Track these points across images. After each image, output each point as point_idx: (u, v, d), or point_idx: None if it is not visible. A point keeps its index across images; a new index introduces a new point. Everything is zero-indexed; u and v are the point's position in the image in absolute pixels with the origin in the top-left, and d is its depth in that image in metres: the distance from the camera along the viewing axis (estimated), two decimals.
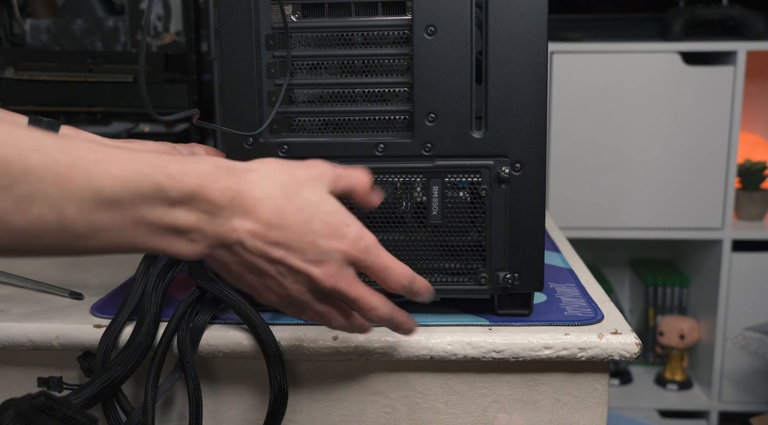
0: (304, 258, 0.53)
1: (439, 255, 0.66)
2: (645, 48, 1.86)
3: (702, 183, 1.91)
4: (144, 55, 0.51)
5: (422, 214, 0.66)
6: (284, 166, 0.54)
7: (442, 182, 0.65)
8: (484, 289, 0.66)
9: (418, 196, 0.65)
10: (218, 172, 0.49)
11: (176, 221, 0.47)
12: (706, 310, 2.03)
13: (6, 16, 1.40)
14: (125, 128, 1.35)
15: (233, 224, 0.50)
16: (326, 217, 0.54)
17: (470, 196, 0.65)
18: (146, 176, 0.45)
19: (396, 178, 0.65)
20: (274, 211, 0.51)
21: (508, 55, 0.64)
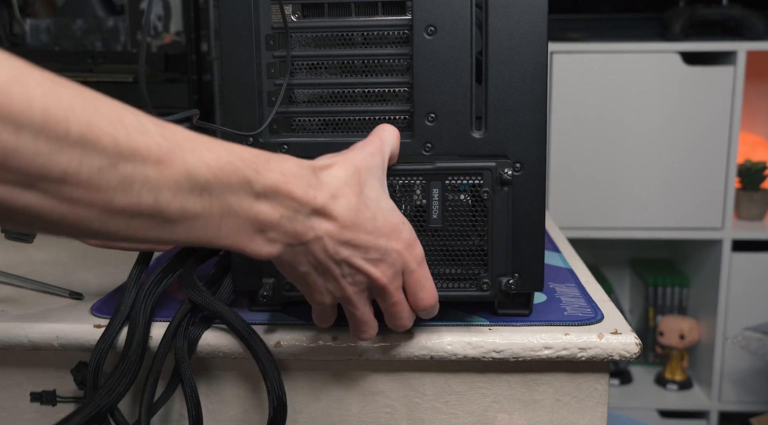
0: (366, 257, 0.54)
1: (440, 260, 0.64)
2: (645, 48, 1.86)
3: (702, 183, 1.91)
4: (144, 55, 0.51)
5: (422, 218, 0.64)
6: (349, 159, 0.55)
7: (443, 184, 0.63)
8: (487, 295, 0.65)
9: (418, 199, 0.64)
10: (300, 171, 0.51)
11: (260, 214, 0.48)
12: (706, 310, 2.03)
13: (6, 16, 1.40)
14: None
15: (312, 223, 0.51)
16: (387, 215, 0.55)
17: (471, 199, 0.63)
18: (237, 169, 0.46)
19: (395, 180, 0.63)
20: (348, 209, 0.52)
21: (508, 55, 0.64)
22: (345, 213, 0.52)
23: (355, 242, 0.53)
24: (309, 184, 0.50)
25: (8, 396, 0.71)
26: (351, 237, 0.53)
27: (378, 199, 0.56)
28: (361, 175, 0.55)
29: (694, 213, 1.92)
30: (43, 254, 0.92)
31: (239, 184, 0.47)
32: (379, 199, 0.56)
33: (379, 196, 0.56)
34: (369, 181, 0.56)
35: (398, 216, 0.56)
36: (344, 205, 0.52)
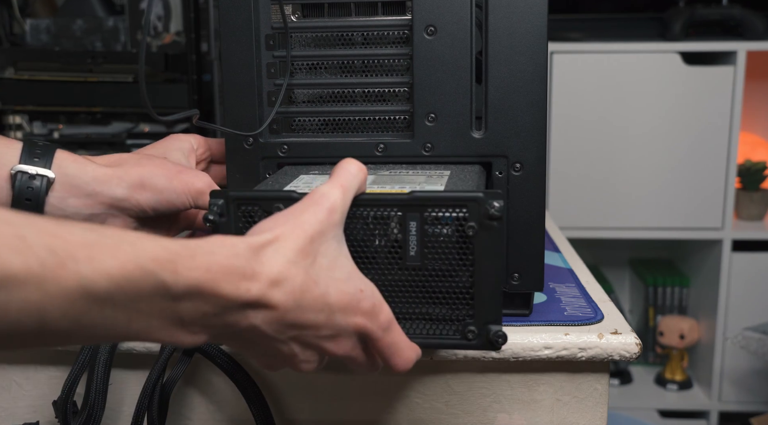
0: (318, 335, 0.49)
1: (420, 300, 0.56)
2: (645, 48, 1.86)
3: (702, 183, 1.91)
4: (144, 55, 0.51)
5: (398, 254, 0.55)
6: (299, 228, 0.48)
7: (421, 217, 0.54)
8: (472, 344, 0.56)
9: (392, 233, 0.55)
10: (232, 262, 0.44)
11: (179, 313, 0.43)
12: (706, 310, 2.03)
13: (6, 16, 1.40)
14: (125, 128, 1.35)
15: (245, 315, 0.45)
16: (341, 287, 0.49)
17: (456, 234, 0.54)
18: (148, 274, 0.40)
19: (367, 211, 0.54)
20: (291, 294, 0.46)
21: (508, 55, 0.64)
22: (286, 299, 0.46)
23: (301, 323, 0.47)
24: (242, 276, 0.44)
25: (8, 397, 0.71)
26: (296, 319, 0.47)
27: (332, 268, 0.49)
28: (314, 243, 0.48)
29: (694, 214, 1.92)
30: None
31: (152, 290, 0.41)
32: (333, 268, 0.49)
33: (333, 263, 0.50)
34: (323, 247, 0.49)
35: (354, 285, 0.50)
36: (287, 290, 0.46)
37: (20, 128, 1.36)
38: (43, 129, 1.37)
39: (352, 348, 0.51)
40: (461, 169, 0.64)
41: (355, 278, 0.51)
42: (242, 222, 0.55)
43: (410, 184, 0.58)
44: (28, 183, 0.64)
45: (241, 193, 0.55)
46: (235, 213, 0.55)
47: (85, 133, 1.34)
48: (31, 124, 1.35)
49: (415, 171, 0.63)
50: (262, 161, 0.67)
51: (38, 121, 1.36)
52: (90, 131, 1.34)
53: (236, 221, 0.55)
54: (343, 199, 0.51)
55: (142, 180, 0.67)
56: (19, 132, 1.35)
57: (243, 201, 0.55)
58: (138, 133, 1.34)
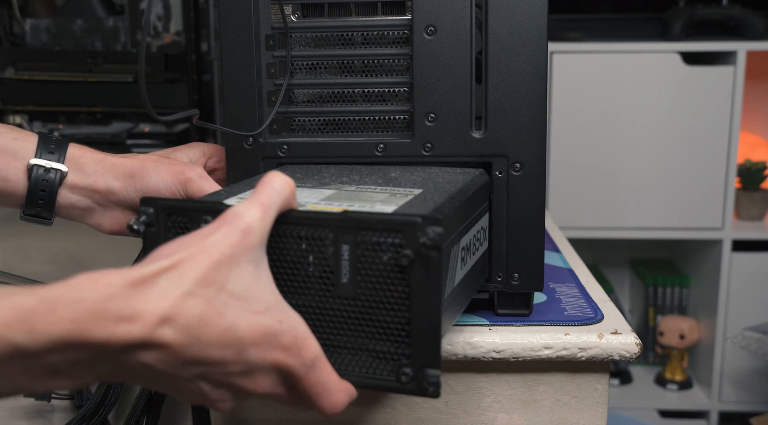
0: (227, 372, 0.44)
1: (353, 332, 0.50)
2: (645, 48, 1.86)
3: (702, 183, 1.91)
4: (144, 55, 0.51)
5: (329, 280, 0.49)
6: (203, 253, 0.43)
7: (354, 241, 0.48)
8: (405, 388, 0.49)
9: (325, 257, 0.49)
10: (105, 306, 0.39)
11: (48, 367, 0.39)
12: (706, 310, 2.03)
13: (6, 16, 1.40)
14: (125, 128, 1.35)
15: (134, 355, 0.41)
16: (255, 318, 0.44)
17: (391, 263, 0.48)
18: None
19: (299, 230, 0.49)
20: (187, 327, 0.41)
21: (508, 55, 0.64)
22: (180, 336, 0.41)
23: (203, 360, 0.43)
24: (119, 318, 0.39)
25: None
26: (196, 356, 0.42)
27: (244, 297, 0.44)
28: (221, 269, 0.43)
29: (694, 213, 1.92)
30: (43, 254, 0.92)
31: (5, 356, 0.38)
32: (246, 297, 0.44)
33: (246, 292, 0.44)
34: (233, 273, 0.44)
35: (273, 316, 0.45)
36: (180, 326, 0.41)
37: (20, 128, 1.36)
38: (43, 129, 1.37)
39: (272, 386, 0.46)
40: (442, 185, 0.60)
41: (274, 308, 0.45)
42: (172, 233, 0.50)
43: (363, 203, 0.53)
44: (44, 176, 0.66)
45: (172, 201, 0.51)
46: (165, 223, 0.51)
47: (85, 133, 1.34)
48: (31, 124, 1.35)
49: (384, 188, 0.58)
50: (262, 161, 0.67)
51: (38, 121, 1.36)
52: (90, 131, 1.34)
53: (166, 232, 0.51)
54: (262, 218, 0.46)
55: (132, 171, 0.68)
56: None
57: (173, 210, 0.51)
58: (138, 133, 1.34)
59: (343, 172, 0.65)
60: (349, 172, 0.65)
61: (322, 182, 0.60)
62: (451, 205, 0.55)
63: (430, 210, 0.52)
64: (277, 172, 0.48)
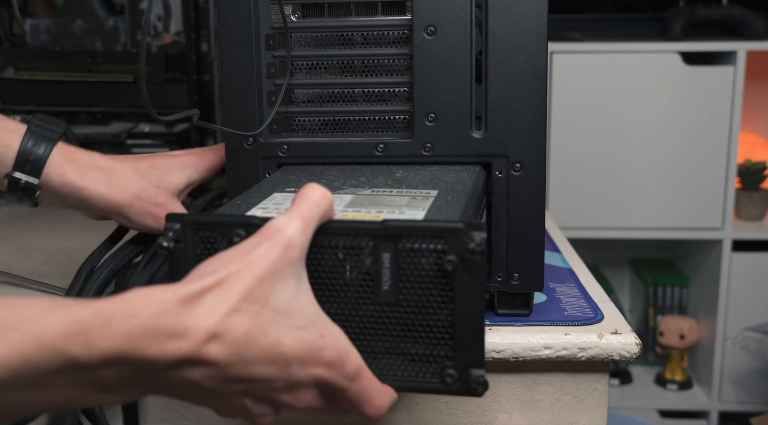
0: (271, 388, 0.45)
1: (395, 337, 0.50)
2: (645, 48, 1.86)
3: (702, 183, 1.91)
4: (144, 55, 0.51)
5: (370, 288, 0.49)
6: (246, 269, 0.44)
7: (395, 248, 0.48)
8: (450, 389, 0.50)
9: (364, 265, 0.49)
10: (158, 322, 0.40)
11: (99, 382, 0.40)
12: (706, 310, 2.03)
13: (6, 16, 1.40)
14: (125, 128, 1.35)
15: (181, 372, 0.41)
16: (298, 333, 0.44)
17: (434, 269, 0.48)
18: (53, 352, 0.37)
19: (335, 240, 0.49)
20: (234, 345, 0.42)
21: (508, 55, 0.64)
22: (227, 353, 0.42)
23: (248, 377, 0.43)
24: (170, 335, 0.40)
25: None
26: (241, 373, 0.43)
27: (287, 313, 0.44)
28: (264, 285, 0.44)
29: (694, 214, 1.92)
30: (43, 254, 0.92)
31: (60, 367, 0.38)
32: (289, 312, 0.45)
33: (289, 307, 0.45)
34: (276, 289, 0.44)
35: (315, 331, 0.45)
36: (227, 343, 0.42)
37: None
38: None
39: (313, 400, 0.47)
40: (453, 184, 0.60)
41: (316, 322, 0.46)
42: (201, 248, 0.50)
43: (389, 208, 0.54)
44: (16, 188, 0.65)
45: (199, 217, 0.50)
46: (193, 240, 0.50)
47: (85, 133, 1.34)
48: None
49: (400, 191, 0.59)
50: (262, 161, 0.67)
51: None
52: (90, 131, 1.34)
53: (194, 247, 0.50)
54: (302, 232, 0.46)
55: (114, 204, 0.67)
56: None
57: (201, 226, 0.50)
58: (138, 133, 1.34)
59: (347, 174, 0.64)
60: (353, 173, 0.64)
61: (334, 186, 0.60)
62: (472, 205, 0.56)
63: (459, 213, 0.53)
64: (316, 185, 0.49)
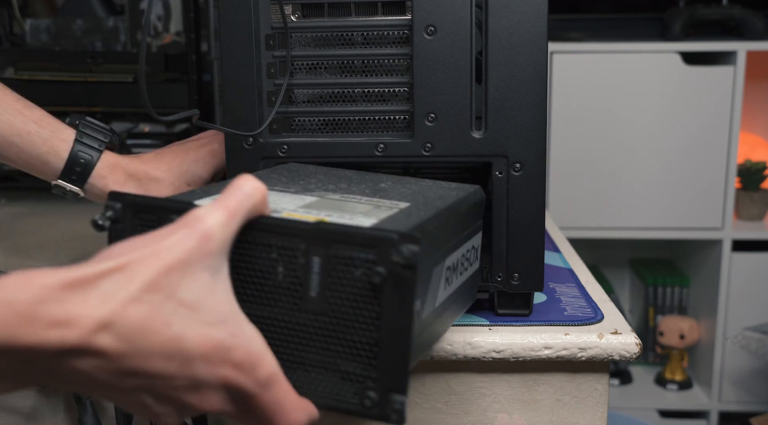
0: (171, 386, 0.41)
1: (319, 348, 0.47)
2: (645, 48, 1.86)
3: (702, 183, 1.91)
4: (144, 55, 0.51)
5: (297, 293, 0.47)
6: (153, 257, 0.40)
7: (326, 254, 0.45)
8: (369, 413, 0.46)
9: (293, 268, 0.46)
10: (37, 310, 0.37)
11: None
12: (706, 310, 2.03)
13: (6, 16, 1.40)
14: (125, 128, 1.35)
15: (69, 362, 0.38)
16: (205, 330, 0.41)
17: (363, 280, 0.45)
18: None
19: (270, 238, 0.46)
20: (127, 336, 0.39)
21: (508, 55, 0.64)
22: (119, 344, 0.38)
23: (144, 371, 0.40)
24: (52, 323, 0.37)
25: (9, 394, 0.71)
26: (136, 366, 0.39)
27: (196, 307, 0.41)
28: (172, 275, 0.40)
29: (694, 214, 1.92)
30: (43, 254, 0.92)
31: None
32: (198, 307, 0.41)
33: (199, 301, 0.41)
34: (186, 281, 0.41)
35: (226, 329, 0.42)
36: (120, 333, 0.38)
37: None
38: None
39: (222, 403, 0.43)
40: (433, 200, 0.57)
41: (228, 320, 0.42)
42: (139, 230, 0.47)
43: (342, 213, 0.51)
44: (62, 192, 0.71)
45: (140, 198, 0.48)
46: (132, 221, 0.48)
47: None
48: None
49: (370, 200, 0.55)
50: (262, 161, 0.67)
51: None
52: None
53: (132, 229, 0.48)
54: (225, 223, 0.43)
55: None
56: None
57: (141, 207, 0.48)
58: (138, 133, 1.34)
59: (331, 178, 0.62)
60: (338, 179, 0.62)
61: (307, 188, 0.57)
62: (437, 222, 0.52)
63: (411, 226, 0.48)
64: (249, 176, 0.46)
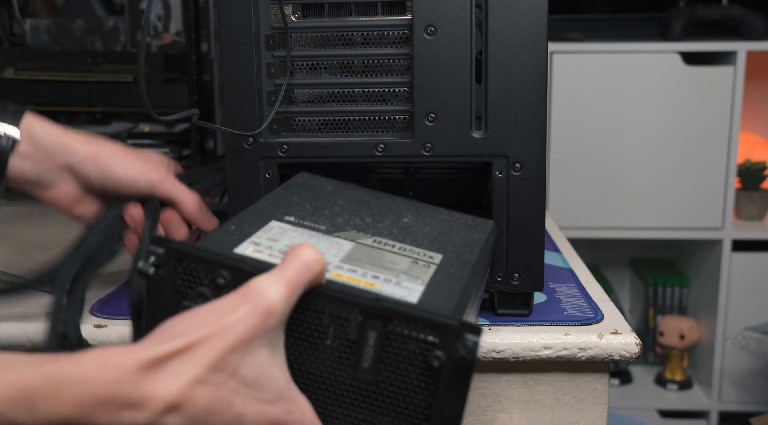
0: None
1: (366, 412, 0.47)
2: (645, 48, 1.86)
3: (702, 183, 1.91)
4: (144, 55, 0.51)
5: (350, 361, 0.46)
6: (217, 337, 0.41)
7: (383, 329, 0.45)
8: None
9: (347, 335, 0.46)
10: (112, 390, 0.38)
11: None
12: (706, 310, 2.03)
13: (6, 16, 1.40)
14: (125, 128, 1.35)
15: None
16: (264, 408, 0.42)
17: (420, 358, 0.45)
18: None
19: (324, 306, 0.46)
20: (193, 417, 0.40)
21: (508, 55, 0.64)
22: (186, 422, 0.39)
23: None
24: (125, 404, 0.38)
25: None
26: None
27: (256, 385, 0.42)
28: (235, 354, 0.41)
29: (694, 214, 1.92)
30: (43, 254, 0.92)
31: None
32: (258, 385, 0.42)
33: (259, 379, 0.42)
34: (248, 358, 0.41)
35: (283, 406, 0.43)
36: (187, 414, 0.39)
37: None
38: None
39: None
40: (460, 249, 0.57)
41: (285, 396, 0.43)
42: (182, 279, 0.47)
43: (387, 272, 0.51)
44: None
45: (186, 247, 0.47)
46: (175, 269, 0.47)
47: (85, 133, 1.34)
48: None
49: (403, 247, 0.55)
50: (262, 161, 0.67)
51: None
52: (90, 131, 1.34)
53: (174, 277, 0.47)
54: (286, 299, 0.43)
55: (98, 151, 0.67)
56: None
57: (185, 257, 0.47)
58: (138, 133, 1.34)
59: (354, 207, 0.61)
60: (361, 207, 0.61)
61: (335, 223, 0.57)
62: (474, 282, 0.53)
63: (457, 297, 0.49)
64: (309, 246, 0.45)
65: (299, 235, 0.53)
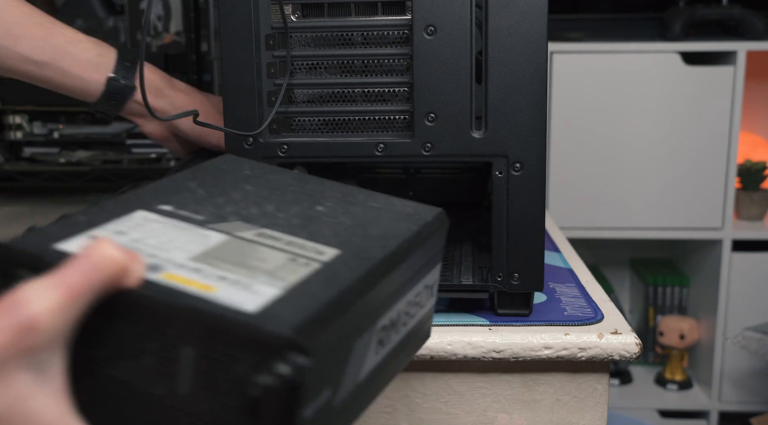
0: None
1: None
2: (645, 48, 1.86)
3: (702, 183, 1.91)
4: (144, 55, 0.51)
5: (168, 382, 0.37)
6: None
7: (200, 345, 0.35)
8: None
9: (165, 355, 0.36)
10: None
11: None
12: (706, 310, 2.03)
13: None
14: (125, 128, 1.35)
15: None
16: None
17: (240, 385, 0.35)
18: None
19: (129, 312, 0.37)
20: None
21: (508, 55, 0.64)
22: None
23: None
24: None
25: None
26: None
27: (9, 419, 0.32)
28: None
29: (694, 214, 1.92)
30: None
31: None
32: (8, 420, 0.32)
33: (11, 410, 0.32)
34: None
35: None
36: None
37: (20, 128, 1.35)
38: (43, 129, 1.37)
39: None
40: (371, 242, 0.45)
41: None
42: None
43: (244, 271, 0.40)
44: (118, 88, 0.80)
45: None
46: None
47: (85, 132, 1.34)
48: (31, 124, 1.35)
49: (291, 239, 0.44)
50: (261, 161, 0.67)
51: (38, 121, 1.36)
52: (90, 131, 1.34)
53: None
54: (60, 309, 0.33)
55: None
56: (19, 132, 1.35)
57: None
58: (138, 133, 1.33)
59: (262, 192, 0.50)
60: (270, 192, 0.50)
61: (221, 213, 0.46)
62: (365, 285, 0.41)
63: (318, 307, 0.37)
64: (107, 243, 0.36)
65: (159, 227, 0.43)
